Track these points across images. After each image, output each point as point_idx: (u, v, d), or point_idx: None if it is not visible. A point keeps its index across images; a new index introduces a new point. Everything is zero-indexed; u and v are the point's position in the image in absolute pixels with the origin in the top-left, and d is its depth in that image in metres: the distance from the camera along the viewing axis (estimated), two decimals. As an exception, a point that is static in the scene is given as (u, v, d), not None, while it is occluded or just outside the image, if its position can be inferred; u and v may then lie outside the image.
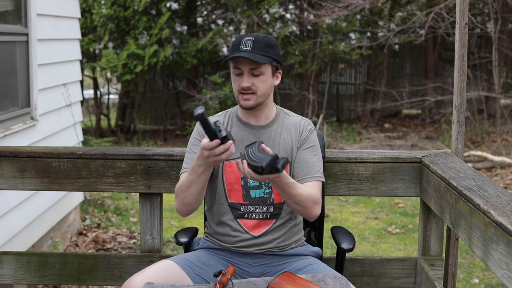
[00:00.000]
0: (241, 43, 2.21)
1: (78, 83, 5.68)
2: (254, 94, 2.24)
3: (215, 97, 11.26)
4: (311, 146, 2.33)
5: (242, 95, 2.25)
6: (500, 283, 4.43)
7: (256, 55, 2.19)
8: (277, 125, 2.34)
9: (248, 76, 2.23)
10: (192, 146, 2.34)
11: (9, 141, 3.99)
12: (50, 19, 4.90)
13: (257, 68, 2.22)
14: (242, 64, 2.22)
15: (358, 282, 2.76)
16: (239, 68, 2.23)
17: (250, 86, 2.22)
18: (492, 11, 10.97)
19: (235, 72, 2.25)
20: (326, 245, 4.94)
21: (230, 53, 2.23)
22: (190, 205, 2.23)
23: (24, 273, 2.79)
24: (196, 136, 2.34)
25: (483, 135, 10.71)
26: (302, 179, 2.27)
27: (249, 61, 2.20)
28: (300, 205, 2.20)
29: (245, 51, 2.19)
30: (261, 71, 2.23)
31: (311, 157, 2.31)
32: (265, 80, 2.24)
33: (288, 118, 2.38)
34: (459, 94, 2.63)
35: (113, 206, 6.45)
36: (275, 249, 2.31)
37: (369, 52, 12.49)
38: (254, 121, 2.33)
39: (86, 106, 13.85)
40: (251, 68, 2.22)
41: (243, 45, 2.21)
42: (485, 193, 2.02)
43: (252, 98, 2.24)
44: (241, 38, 2.24)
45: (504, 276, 1.73)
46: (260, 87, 2.24)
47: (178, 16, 13.37)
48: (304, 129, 2.35)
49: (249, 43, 2.21)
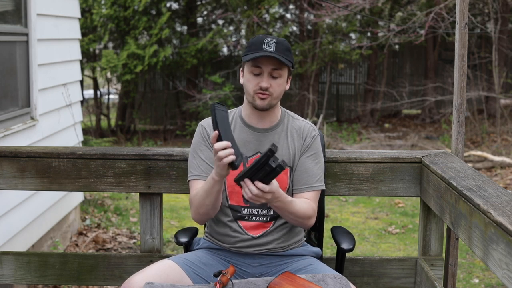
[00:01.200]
0: (264, 43, 2.18)
1: (78, 83, 5.68)
2: (270, 95, 2.23)
3: (215, 97, 11.26)
4: (313, 153, 2.32)
5: (258, 95, 2.22)
6: (500, 283, 4.43)
7: (282, 57, 2.18)
8: (281, 129, 2.33)
9: (268, 76, 2.21)
10: (196, 151, 2.32)
11: (9, 141, 3.99)
12: (50, 19, 4.90)
13: (278, 70, 2.21)
14: (264, 64, 2.19)
15: (358, 282, 2.76)
16: (259, 67, 2.20)
17: (268, 87, 2.21)
18: (492, 11, 10.97)
19: (254, 71, 2.21)
20: (326, 245, 4.94)
21: (251, 52, 2.19)
22: (207, 215, 2.24)
23: (24, 273, 2.79)
24: (200, 140, 2.33)
25: (483, 135, 10.71)
26: (301, 188, 2.28)
27: (273, 62, 2.18)
28: (295, 220, 2.23)
29: (269, 51, 2.17)
30: (280, 74, 2.22)
31: (312, 165, 2.31)
32: (281, 84, 2.24)
33: (293, 121, 2.36)
34: (459, 94, 2.63)
35: (113, 206, 6.45)
36: (274, 249, 2.31)
37: (369, 52, 12.49)
38: (258, 124, 2.32)
39: (86, 106, 13.85)
40: (273, 69, 2.20)
41: (267, 46, 2.18)
42: (485, 193, 2.02)
43: (268, 99, 2.23)
44: (262, 38, 2.21)
45: (504, 276, 1.73)
46: (276, 89, 2.23)
47: (178, 16, 13.37)
48: (308, 135, 2.34)
49: (272, 44, 2.19)
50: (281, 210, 2.16)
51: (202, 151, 2.30)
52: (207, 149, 2.30)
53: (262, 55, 2.16)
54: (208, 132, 2.31)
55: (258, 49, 2.18)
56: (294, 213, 2.18)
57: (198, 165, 2.29)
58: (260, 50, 2.18)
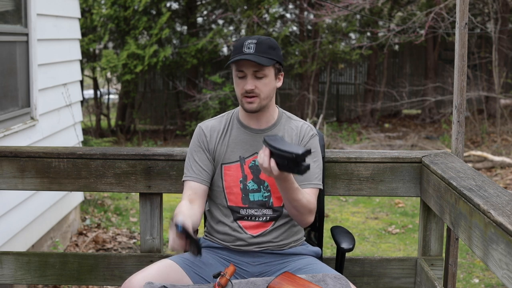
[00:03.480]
0: (244, 46, 2.19)
1: (78, 83, 5.68)
2: (257, 97, 2.22)
3: (215, 97, 11.26)
4: (312, 152, 2.32)
5: (245, 98, 2.23)
6: (500, 283, 4.43)
7: (259, 57, 2.18)
8: (278, 129, 2.33)
9: (251, 78, 2.21)
10: (192, 152, 2.34)
11: (9, 141, 3.99)
12: (50, 19, 4.90)
13: (261, 71, 2.20)
14: (245, 66, 2.20)
15: (358, 282, 2.76)
16: (242, 71, 2.21)
17: (253, 89, 2.21)
18: (492, 11, 10.97)
19: (238, 75, 2.23)
20: (326, 245, 4.94)
21: (233, 56, 2.22)
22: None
23: (24, 273, 2.79)
24: (196, 142, 2.34)
25: (483, 135, 10.71)
26: (300, 184, 2.26)
27: (252, 64, 2.19)
28: (297, 210, 2.20)
29: (248, 54, 2.18)
30: (264, 74, 2.21)
31: (311, 163, 2.30)
32: (268, 83, 2.23)
33: (290, 122, 2.36)
34: (459, 94, 2.63)
35: (113, 206, 6.45)
36: (274, 247, 2.31)
37: (369, 52, 12.49)
38: (255, 125, 2.32)
39: (86, 106, 13.85)
40: (255, 70, 2.20)
41: (246, 48, 2.19)
42: (485, 193, 2.02)
43: (256, 101, 2.23)
44: (243, 40, 2.22)
45: (504, 276, 1.73)
46: (263, 89, 2.23)
47: (178, 16, 13.37)
48: (305, 134, 2.34)
49: (252, 45, 2.19)
50: (288, 192, 2.12)
51: (196, 153, 2.32)
52: (202, 152, 2.32)
53: (239, 58, 2.17)
54: (205, 135, 2.33)
55: (239, 52, 2.20)
56: (299, 200, 2.15)
57: (192, 166, 2.31)
58: (240, 53, 2.19)
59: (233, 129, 2.34)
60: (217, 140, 2.33)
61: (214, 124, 2.36)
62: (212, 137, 2.33)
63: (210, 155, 2.32)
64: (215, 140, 2.33)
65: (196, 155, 2.32)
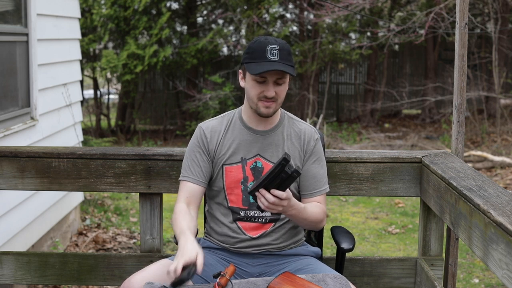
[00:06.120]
0: (267, 51, 2.15)
1: (78, 83, 5.68)
2: (274, 102, 2.22)
3: (215, 97, 11.26)
4: (317, 158, 2.34)
5: (263, 103, 2.21)
6: (500, 283, 4.43)
7: (286, 66, 2.15)
8: (280, 130, 2.33)
9: (273, 85, 2.19)
10: (191, 153, 2.33)
11: (9, 141, 3.99)
12: (50, 19, 4.89)
13: (283, 78, 2.20)
14: (269, 73, 2.17)
15: (358, 282, 2.76)
16: (264, 76, 2.18)
17: (274, 95, 2.20)
18: (492, 11, 10.97)
19: (257, 79, 2.19)
20: (326, 245, 4.94)
21: (257, 61, 2.15)
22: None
23: (24, 273, 2.79)
24: (196, 142, 2.34)
25: (483, 135, 10.71)
26: (310, 193, 2.31)
27: (278, 72, 2.16)
28: (308, 225, 2.28)
29: (273, 61, 2.14)
30: (284, 80, 2.21)
31: (318, 169, 2.33)
32: (285, 89, 2.25)
33: (293, 123, 2.36)
34: (459, 94, 2.63)
35: (113, 206, 6.45)
36: (273, 249, 2.31)
37: (369, 52, 12.49)
38: (258, 126, 2.32)
39: (86, 106, 13.85)
40: (278, 78, 2.18)
41: (270, 54, 2.15)
42: (485, 193, 2.02)
43: (273, 106, 2.22)
44: (265, 45, 2.17)
45: (504, 276, 1.73)
46: (281, 95, 2.23)
47: (178, 16, 13.37)
48: (311, 138, 2.34)
49: (275, 51, 2.16)
50: (296, 217, 2.19)
51: (195, 154, 2.32)
52: (201, 153, 2.31)
53: (270, 69, 2.12)
54: (206, 135, 2.32)
55: (262, 57, 2.15)
56: (308, 218, 2.22)
57: (190, 167, 2.31)
58: (264, 59, 2.14)
59: (235, 129, 2.33)
60: (218, 141, 2.32)
61: (215, 125, 2.35)
62: (212, 138, 2.33)
63: (209, 157, 2.31)
64: (215, 141, 2.32)
65: (195, 156, 2.31)
